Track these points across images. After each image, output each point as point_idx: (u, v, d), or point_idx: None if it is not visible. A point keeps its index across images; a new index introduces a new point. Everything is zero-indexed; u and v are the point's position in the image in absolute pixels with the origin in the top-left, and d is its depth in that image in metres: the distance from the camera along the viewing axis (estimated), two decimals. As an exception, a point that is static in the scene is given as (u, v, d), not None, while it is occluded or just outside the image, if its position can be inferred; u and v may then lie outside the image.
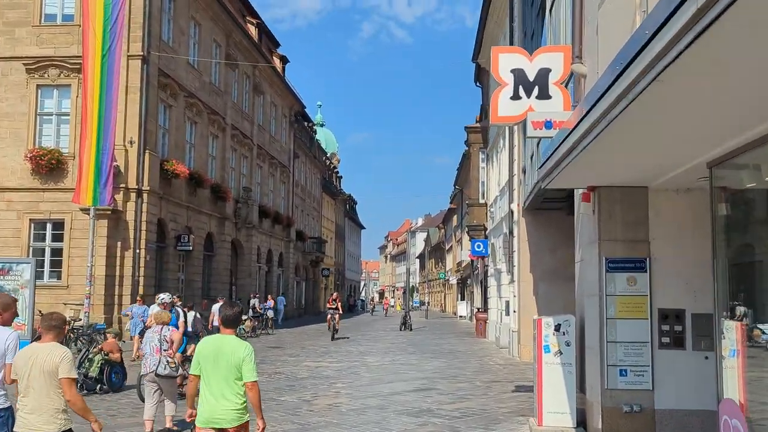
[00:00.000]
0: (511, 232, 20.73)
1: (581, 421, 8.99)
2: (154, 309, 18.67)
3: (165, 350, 9.12)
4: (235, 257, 37.25)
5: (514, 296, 20.40)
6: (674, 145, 6.23)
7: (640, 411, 7.79)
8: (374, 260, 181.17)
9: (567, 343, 9.03)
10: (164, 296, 12.25)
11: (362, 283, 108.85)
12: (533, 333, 17.48)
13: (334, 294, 31.54)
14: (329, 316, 27.65)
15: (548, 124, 8.65)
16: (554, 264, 19.25)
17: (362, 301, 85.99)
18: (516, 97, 9.55)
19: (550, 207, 18.62)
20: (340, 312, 28.83)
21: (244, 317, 29.96)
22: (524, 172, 18.93)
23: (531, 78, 9.51)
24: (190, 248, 28.72)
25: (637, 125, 5.37)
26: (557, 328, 9.10)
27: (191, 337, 20.56)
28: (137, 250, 24.78)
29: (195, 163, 30.56)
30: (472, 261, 48.57)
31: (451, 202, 69.23)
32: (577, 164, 6.99)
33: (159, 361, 9.02)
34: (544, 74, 9.47)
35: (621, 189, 8.26)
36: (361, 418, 10.50)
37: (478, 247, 28.23)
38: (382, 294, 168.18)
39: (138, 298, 22.61)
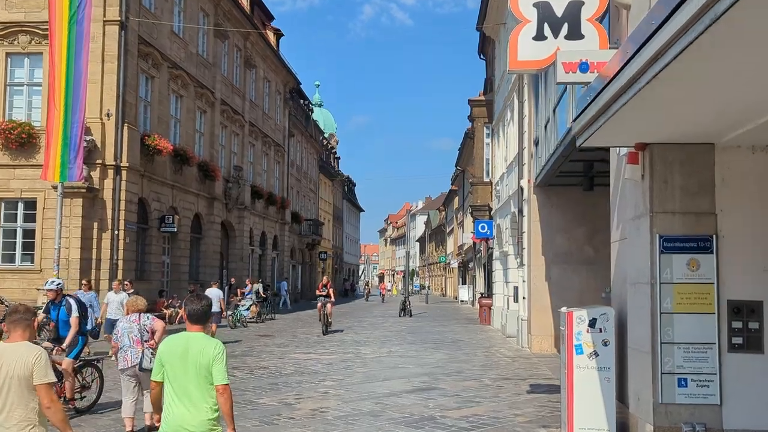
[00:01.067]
0: (520, 212, 18.92)
1: (622, 439, 7.23)
2: (112, 296, 16.95)
3: (146, 341, 8.36)
4: (226, 240, 35.47)
5: (524, 281, 18.62)
6: (754, 87, 4.49)
7: (706, 434, 6.06)
8: (374, 244, 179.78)
9: (604, 343, 7.24)
10: (52, 282, 10.10)
11: (361, 267, 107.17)
12: (551, 323, 15.68)
13: (325, 278, 26.66)
14: (319, 304, 24.18)
15: (584, 66, 6.83)
16: (568, 246, 17.47)
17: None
18: (540, 36, 7.71)
19: (565, 183, 16.81)
20: (333, 300, 24.59)
21: (247, 302, 28.26)
22: (536, 144, 17.08)
23: (559, 13, 7.67)
24: (175, 230, 26.91)
25: (707, 63, 3.98)
26: (592, 323, 7.31)
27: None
28: (116, 232, 22.98)
29: (181, 140, 28.69)
30: (474, 244, 46.81)
31: (452, 184, 67.36)
32: (623, 116, 5.23)
33: (142, 354, 8.21)
34: (575, 8, 7.61)
35: (680, 147, 6.44)
36: (350, 429, 8.74)
37: (482, 228, 26.43)
38: (382, 278, 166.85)
39: (115, 282, 20.83)
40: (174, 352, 4.70)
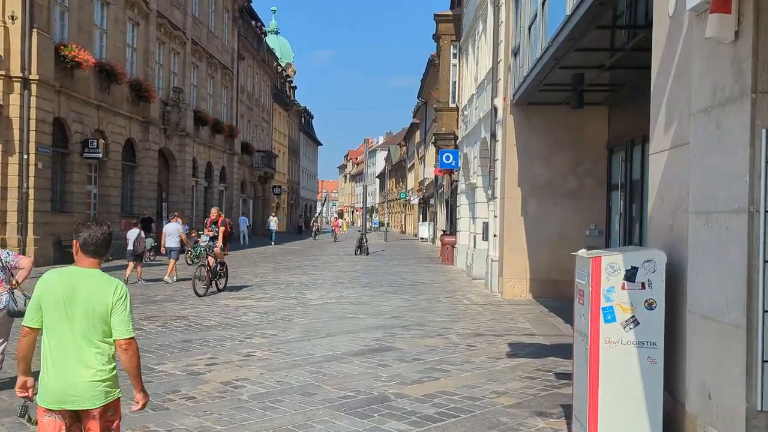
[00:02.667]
0: (493, 136, 16.29)
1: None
2: None
3: (11, 281, 6.95)
4: (166, 170, 32.30)
5: (495, 216, 16.14)
6: None
7: None
8: (334, 180, 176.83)
9: (649, 305, 4.71)
10: None
11: (319, 204, 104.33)
12: (526, 265, 13.25)
13: (213, 211, 18.29)
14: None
15: None
16: (549, 176, 14.99)
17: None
18: None
19: (547, 101, 14.20)
20: (220, 245, 16.53)
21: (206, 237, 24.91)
22: (516, 54, 14.34)
23: None
24: (100, 155, 23.72)
25: None
26: (631, 275, 4.74)
27: (136, 258, 17.30)
28: (25, 156, 19.80)
29: (107, 54, 25.22)
30: (436, 178, 44.33)
31: (414, 116, 64.42)
32: None
33: (9, 298, 6.84)
34: None
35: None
36: (267, 418, 6.18)
37: (447, 158, 23.82)
38: (341, 214, 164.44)
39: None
40: (56, 294, 3.65)
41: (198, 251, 24.36)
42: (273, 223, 41.32)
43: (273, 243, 38.57)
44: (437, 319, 11.98)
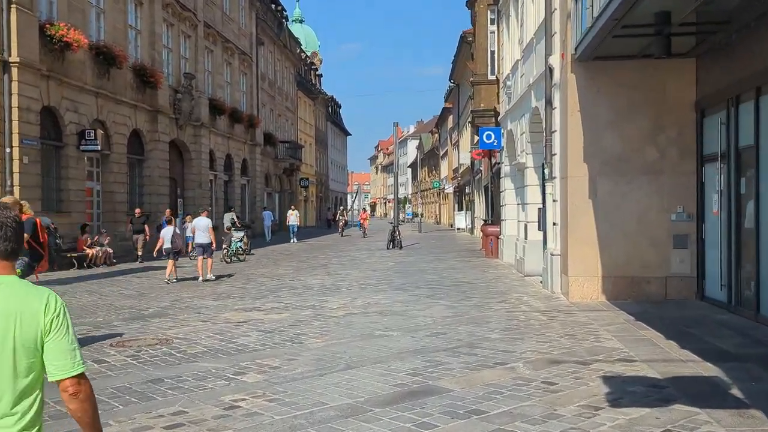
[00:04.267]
0: (548, 102, 13.36)
1: None
2: None
3: None
4: (180, 163, 29.89)
5: (555, 201, 13.26)
6: None
7: None
8: (365, 172, 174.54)
9: None
10: None
11: (350, 196, 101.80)
12: (598, 260, 10.69)
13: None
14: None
15: None
16: (622, 148, 12.07)
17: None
18: None
19: (620, 53, 11.29)
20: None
21: (240, 233, 23.29)
22: (578, -5, 11.42)
23: None
24: (98, 148, 21.27)
25: None
26: None
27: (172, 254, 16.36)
28: (7, 150, 17.43)
29: (106, 35, 22.78)
30: (472, 163, 41.34)
31: (446, 101, 61.37)
32: None
33: None
34: None
35: None
36: None
37: (488, 138, 20.89)
38: (374, 207, 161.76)
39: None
40: None
41: (234, 248, 22.33)
42: (294, 218, 34.94)
43: (295, 240, 33.69)
44: (493, 335, 9.15)
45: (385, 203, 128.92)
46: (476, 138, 34.27)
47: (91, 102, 21.64)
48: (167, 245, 16.50)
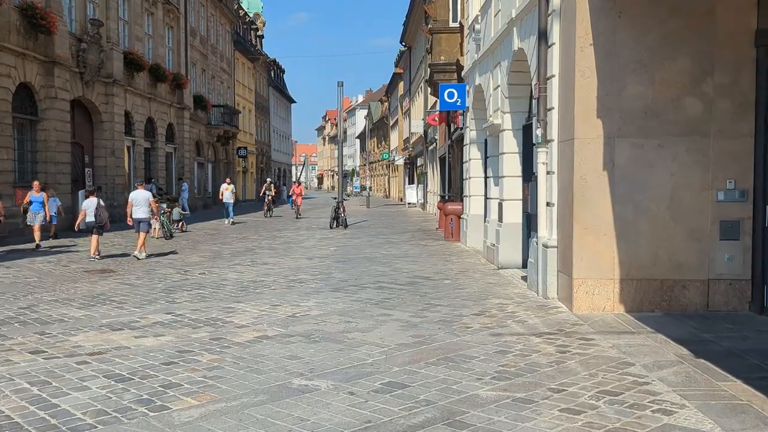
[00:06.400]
0: (542, 37, 9.74)
1: None
2: None
3: None
4: (89, 126, 25.52)
5: (550, 173, 9.76)
6: None
7: None
8: (313, 144, 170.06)
9: None
10: None
11: (296, 167, 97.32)
12: (614, 255, 7.16)
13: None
14: None
15: None
16: (651, 98, 8.59)
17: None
18: None
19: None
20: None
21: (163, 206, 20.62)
22: None
23: None
24: (-37, 103, 16.95)
25: None
26: None
27: (96, 228, 14.94)
28: None
29: (-22, -37, 18.29)
30: (426, 132, 37.81)
31: (396, 66, 57.59)
32: None
33: None
34: None
35: None
36: None
37: (450, 96, 17.26)
38: (321, 179, 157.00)
39: None
40: None
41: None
42: (228, 194, 27.36)
43: (231, 220, 27.37)
44: (483, 393, 5.57)
45: (333, 176, 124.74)
46: (433, 101, 30.69)
47: (-43, 45, 17.28)
48: (90, 218, 15.01)
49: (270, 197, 32.77)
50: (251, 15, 65.12)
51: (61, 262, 14.76)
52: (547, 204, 9.82)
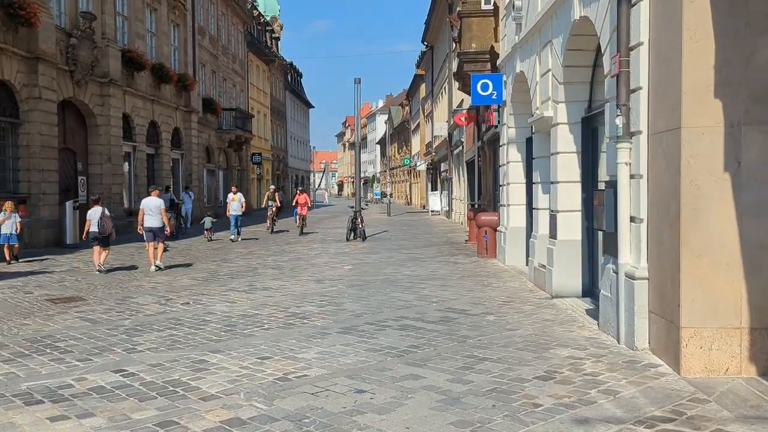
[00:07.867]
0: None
1: None
2: None
3: None
4: (83, 130, 23.32)
5: (635, 177, 7.15)
6: None
7: None
8: (333, 151, 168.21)
9: None
10: None
11: (315, 174, 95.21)
12: (743, 293, 5.70)
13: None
14: None
15: None
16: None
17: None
18: None
19: None
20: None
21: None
22: None
23: None
24: None
25: None
26: None
27: (100, 239, 14.33)
28: None
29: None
30: (450, 135, 35.27)
31: (418, 67, 55.13)
32: None
33: None
34: None
35: None
36: None
37: (484, 87, 14.71)
38: (341, 185, 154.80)
39: None
40: None
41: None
42: (236, 204, 22.88)
43: (238, 236, 22.87)
44: None
45: (353, 182, 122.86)
46: (460, 99, 28.10)
47: None
48: (93, 228, 14.35)
49: (274, 208, 27.18)
50: (268, 18, 63.13)
51: (26, 287, 12.42)
52: (632, 219, 7.22)
